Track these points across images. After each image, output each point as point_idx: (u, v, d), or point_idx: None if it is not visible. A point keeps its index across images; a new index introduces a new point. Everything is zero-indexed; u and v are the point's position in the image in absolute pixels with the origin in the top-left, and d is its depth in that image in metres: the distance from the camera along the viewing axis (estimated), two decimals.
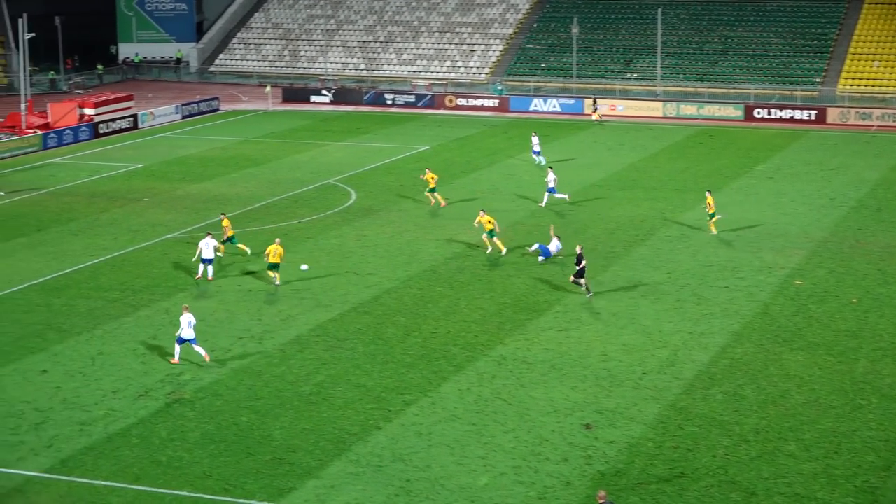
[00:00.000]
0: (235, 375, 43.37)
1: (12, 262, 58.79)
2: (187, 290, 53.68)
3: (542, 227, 63.15)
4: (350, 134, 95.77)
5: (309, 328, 48.45)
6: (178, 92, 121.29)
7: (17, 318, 50.02)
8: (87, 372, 43.81)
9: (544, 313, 50.17)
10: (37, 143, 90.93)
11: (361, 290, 53.47)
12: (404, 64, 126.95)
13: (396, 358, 45.08)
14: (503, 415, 39.76)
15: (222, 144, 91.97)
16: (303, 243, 61.54)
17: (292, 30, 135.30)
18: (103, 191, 74.89)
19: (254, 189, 74.55)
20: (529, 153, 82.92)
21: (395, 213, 67.87)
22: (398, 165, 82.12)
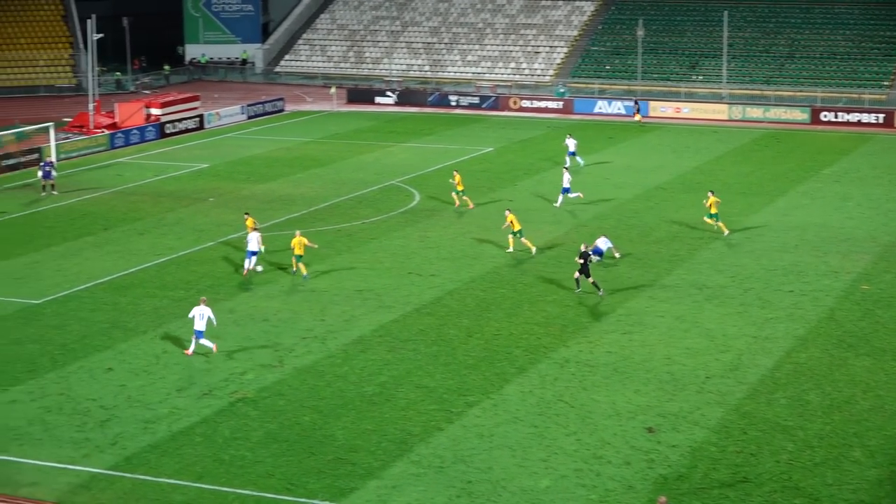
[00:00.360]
0: (298, 375, 43.53)
1: (79, 260, 59.33)
2: (251, 289, 53.96)
3: (605, 230, 62.98)
4: (414, 135, 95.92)
5: (372, 329, 48.55)
6: (244, 92, 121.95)
7: (84, 316, 50.47)
8: (151, 370, 44.13)
9: (607, 316, 50.00)
10: (104, 142, 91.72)
11: (424, 292, 53.51)
12: (469, 65, 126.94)
13: (458, 359, 45.08)
14: (565, 417, 39.65)
15: (287, 145, 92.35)
16: (366, 244, 61.68)
17: (357, 31, 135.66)
18: (169, 190, 75.42)
19: (318, 189, 74.81)
20: (565, 154, 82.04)
21: (457, 215, 67.84)
22: (462, 167, 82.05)
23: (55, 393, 41.95)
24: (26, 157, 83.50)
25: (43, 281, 55.71)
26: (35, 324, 49.48)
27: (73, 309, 51.41)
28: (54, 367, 44.41)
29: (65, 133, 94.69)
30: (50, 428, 39.01)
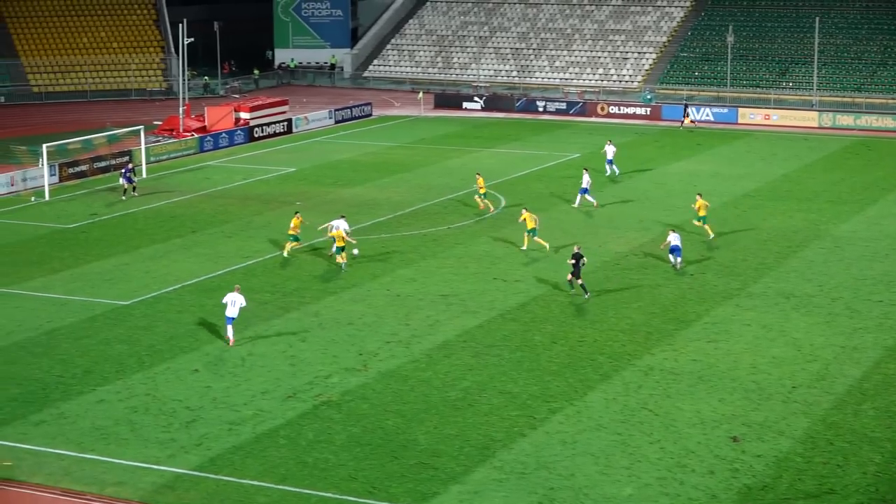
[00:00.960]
0: (382, 379, 43.64)
1: (167, 262, 59.93)
2: (337, 293, 54.20)
3: (694, 236, 62.67)
4: (501, 140, 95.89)
5: (456, 334, 48.57)
6: (332, 97, 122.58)
7: (171, 317, 50.96)
8: (237, 372, 44.45)
9: (693, 324, 49.66)
10: (194, 146, 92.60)
11: (509, 297, 53.45)
12: (556, 71, 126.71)
13: (542, 365, 44.98)
14: (649, 425, 39.42)
15: (374, 149, 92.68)
16: (452, 249, 61.72)
17: (445, 36, 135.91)
18: (257, 194, 75.96)
19: (404, 194, 75.00)
20: (603, 162, 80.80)
21: (543, 221, 67.61)
22: (548, 173, 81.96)
23: (142, 393, 42.39)
24: (117, 160, 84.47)
25: (132, 282, 56.35)
26: (124, 324, 50.06)
27: (160, 310, 51.93)
28: (141, 368, 44.89)
29: (155, 136, 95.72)
30: (136, 428, 39.42)
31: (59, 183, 79.51)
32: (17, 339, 48.31)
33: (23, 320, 50.67)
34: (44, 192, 76.13)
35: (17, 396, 42.20)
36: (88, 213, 71.02)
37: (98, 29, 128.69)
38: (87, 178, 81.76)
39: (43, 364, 45.41)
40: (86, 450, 37.76)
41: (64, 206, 73.36)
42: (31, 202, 74.73)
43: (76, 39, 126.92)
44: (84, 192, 77.67)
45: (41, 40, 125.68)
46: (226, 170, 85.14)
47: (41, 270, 58.54)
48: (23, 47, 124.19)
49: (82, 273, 58.05)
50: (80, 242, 64.26)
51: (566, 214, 69.10)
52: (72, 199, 75.39)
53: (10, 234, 66.15)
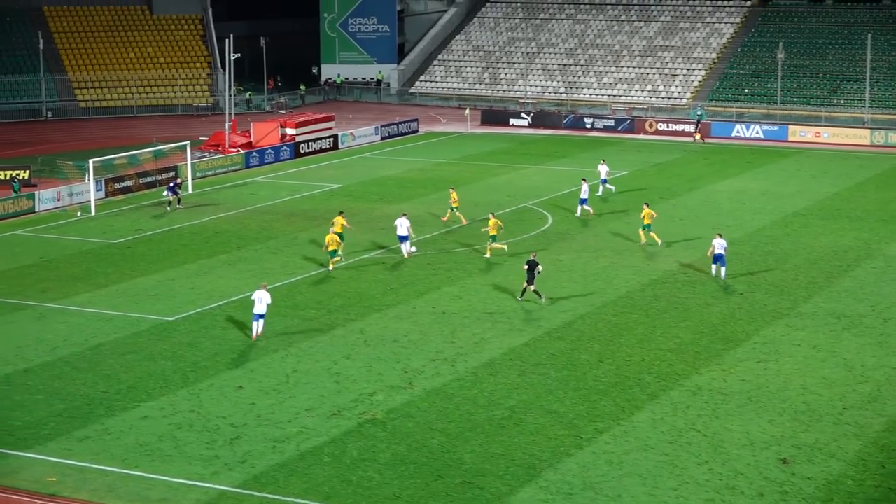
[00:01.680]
0: (427, 397, 43.59)
1: (213, 278, 60.13)
2: (382, 310, 54.22)
3: (741, 256, 62.42)
4: (548, 157, 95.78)
5: (502, 352, 48.47)
6: (378, 113, 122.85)
7: (216, 333, 51.10)
8: (281, 389, 44.50)
9: (742, 343, 49.37)
10: (239, 161, 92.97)
11: (555, 315, 53.31)
12: (604, 88, 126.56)
13: (589, 385, 44.81)
14: (697, 446, 39.19)
15: (420, 166, 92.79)
16: (498, 266, 61.66)
17: (493, 52, 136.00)
18: (302, 210, 76.16)
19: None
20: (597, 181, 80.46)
21: (591, 239, 67.59)
22: (596, 190, 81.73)
23: (186, 410, 42.50)
24: (163, 176, 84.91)
25: (177, 298, 56.57)
26: (168, 340, 50.24)
27: (205, 326, 52.09)
28: (186, 384, 45.03)
29: (201, 152, 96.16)
30: (180, 445, 39.52)
31: (105, 198, 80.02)
32: (62, 354, 48.58)
33: (68, 335, 50.96)
34: (90, 208, 76.62)
35: (62, 412, 42.42)
36: (134, 229, 71.40)
37: (145, 44, 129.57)
38: (133, 193, 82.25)
39: (88, 379, 45.64)
40: (130, 466, 37.89)
41: (110, 222, 73.79)
42: (76, 217, 75.21)
43: (123, 55, 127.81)
44: (130, 207, 78.12)
45: (88, 56, 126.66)
46: (271, 186, 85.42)
47: (86, 286, 58.88)
48: (70, 62, 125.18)
49: (127, 288, 58.34)
50: (126, 258, 64.60)
51: (615, 233, 68.85)
52: (117, 215, 75.83)
53: (56, 250, 66.58)
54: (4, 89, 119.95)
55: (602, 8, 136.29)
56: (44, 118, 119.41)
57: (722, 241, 58.96)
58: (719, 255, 58.64)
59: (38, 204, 77.21)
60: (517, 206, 76.22)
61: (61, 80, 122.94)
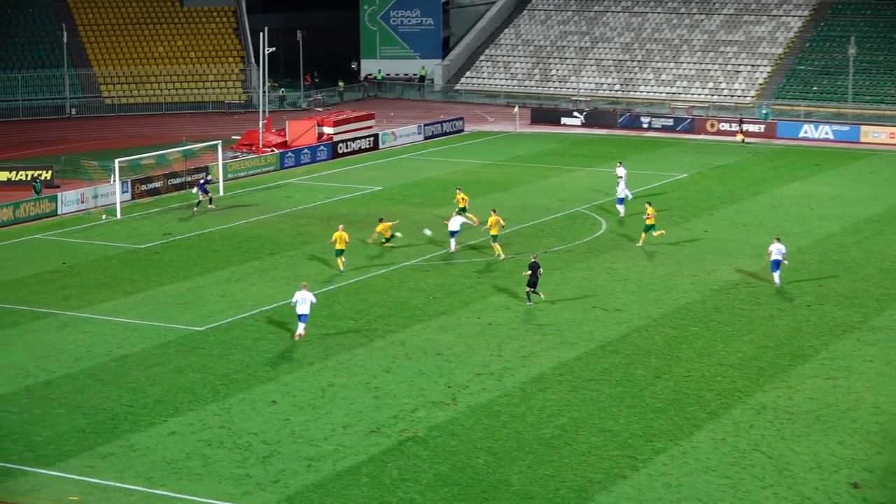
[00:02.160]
0: (472, 414, 43.56)
1: (245, 285, 60.31)
2: (425, 321, 54.23)
3: (808, 265, 62.19)
4: (602, 159, 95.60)
5: (552, 366, 48.40)
6: (421, 111, 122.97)
7: (248, 345, 51.25)
8: (317, 404, 44.57)
9: (809, 359, 49.11)
10: (274, 162, 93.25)
11: (609, 328, 53.20)
12: (662, 85, 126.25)
13: (645, 402, 44.68)
14: (761, 469, 39.00)
15: (465, 167, 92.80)
16: (548, 275, 61.54)
17: (543, 47, 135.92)
18: (340, 214, 76.25)
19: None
20: (614, 186, 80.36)
21: (648, 246, 67.39)
22: (653, 194, 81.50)
23: (216, 426, 42.63)
24: (192, 177, 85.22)
25: (207, 307, 56.78)
26: (197, 352, 50.42)
27: (236, 337, 52.25)
28: (216, 398, 45.16)
29: (233, 151, 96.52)
30: (209, 462, 39.63)
31: (131, 200, 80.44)
32: (85, 365, 48.83)
33: (91, 346, 51.22)
34: (115, 210, 77.03)
35: (85, 427, 42.62)
36: (162, 233, 71.73)
37: (175, 38, 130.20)
38: (161, 195, 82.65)
39: (112, 393, 45.84)
40: (156, 485, 38.02)
41: (136, 225, 74.16)
42: (101, 220, 75.63)
43: (152, 49, 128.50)
44: (157, 210, 78.50)
45: (115, 49, 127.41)
46: (308, 188, 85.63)
47: (111, 293, 59.18)
48: (95, 57, 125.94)
49: (154, 296, 58.60)
50: (153, 264, 64.90)
51: (674, 240, 68.65)
52: (144, 218, 76.21)
53: (79, 255, 66.96)
54: (26, 85, 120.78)
55: (660, 0, 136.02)
56: (67, 115, 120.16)
57: (780, 247, 58.81)
58: (776, 260, 58.52)
59: (61, 206, 77.70)
60: (568, 210, 76.11)
61: (86, 76, 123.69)
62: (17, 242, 70.21)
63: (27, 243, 70.10)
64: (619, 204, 74.90)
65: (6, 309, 56.60)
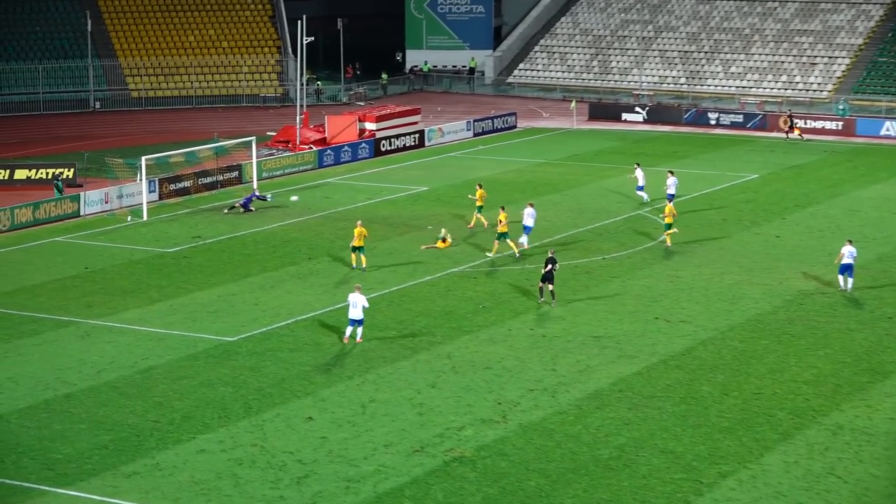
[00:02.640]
0: (524, 433, 43.53)
1: (280, 293, 60.47)
2: (473, 332, 54.23)
3: (889, 273, 61.87)
4: (666, 158, 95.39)
5: (610, 382, 48.32)
6: (471, 105, 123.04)
7: (283, 357, 51.37)
8: (356, 421, 44.62)
9: (890, 376, 48.87)
10: (312, 160, 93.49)
11: (673, 341, 53.08)
12: (732, 78, 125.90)
13: (711, 421, 44.55)
14: (837, 494, 38.82)
15: (518, 166, 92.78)
16: (607, 283, 61.49)
17: (603, 37, 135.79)
18: (382, 216, 76.39)
19: (552, 219, 74.86)
20: (634, 190, 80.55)
21: (715, 252, 67.22)
22: (721, 196, 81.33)
23: (248, 443, 42.75)
24: (224, 175, 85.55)
25: (239, 315, 56.96)
26: (228, 364, 50.58)
27: (270, 348, 52.40)
28: (248, 414, 45.28)
29: (268, 149, 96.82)
30: (241, 483, 39.75)
31: (158, 201, 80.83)
32: (108, 378, 49.07)
33: (115, 357, 51.47)
34: (141, 212, 77.38)
35: (108, 444, 42.82)
36: (191, 236, 72.03)
37: (206, 27, 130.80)
38: (191, 195, 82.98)
39: (137, 407, 46.04)
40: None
41: (164, 228, 74.50)
42: (126, 222, 75.99)
43: (181, 38, 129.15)
44: (187, 211, 78.84)
45: (142, 39, 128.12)
46: (348, 188, 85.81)
47: (136, 300, 59.47)
48: (122, 47, 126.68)
49: (183, 304, 58.85)
50: (182, 269, 65.18)
51: (743, 246, 68.49)
52: (173, 220, 76.54)
53: (102, 259, 67.31)
54: (47, 76, 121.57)
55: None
56: (91, 109, 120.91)
57: (852, 249, 58.79)
58: (847, 264, 58.40)
59: (84, 207, 78.12)
60: (629, 213, 75.99)
61: (111, 67, 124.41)
62: (36, 245, 70.65)
63: (47, 246, 70.53)
64: (640, 190, 78.83)
65: (25, 317, 56.96)
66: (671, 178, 77.16)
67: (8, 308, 58.27)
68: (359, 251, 63.88)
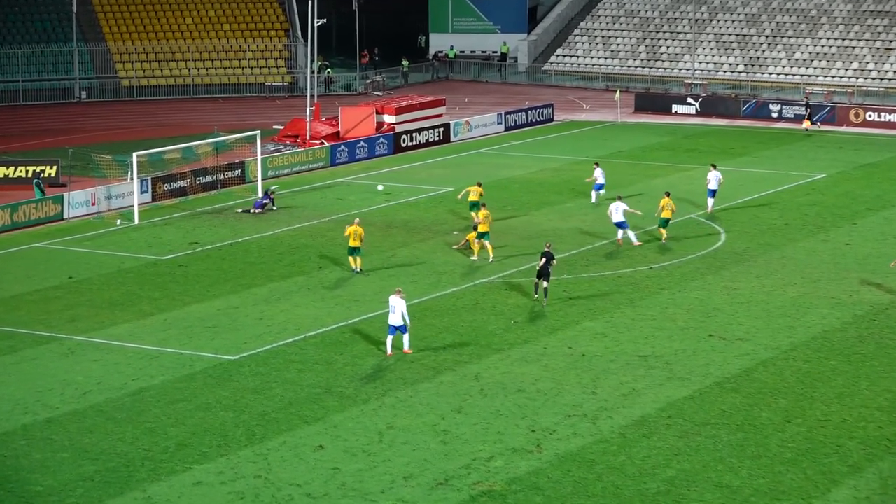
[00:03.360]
0: (561, 464, 43.51)
1: (288, 306, 60.56)
2: (504, 350, 54.25)
3: None
4: (721, 155, 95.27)
5: (658, 407, 48.27)
6: (502, 96, 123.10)
7: (290, 377, 51.43)
8: (372, 451, 44.64)
9: None
10: (323, 157, 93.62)
11: (729, 361, 53.01)
12: (796, 66, 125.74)
13: (772, 451, 44.48)
14: None
15: (555, 164, 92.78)
16: (654, 296, 61.44)
17: (651, 19, 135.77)
18: (403, 220, 76.45)
19: (593, 224, 74.83)
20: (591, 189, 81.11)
21: (776, 261, 67.14)
22: (783, 198, 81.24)
23: (251, 475, 42.81)
24: (226, 174, 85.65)
25: (241, 331, 57.06)
26: (229, 385, 50.66)
27: (276, 368, 52.46)
28: (251, 442, 45.35)
29: (275, 144, 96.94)
30: None
31: (151, 202, 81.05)
32: (94, 400, 49.18)
33: (102, 377, 51.59)
34: (132, 214, 77.56)
35: (93, 475, 42.90)
36: (188, 242, 72.20)
37: (205, 7, 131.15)
38: (188, 196, 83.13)
39: (126, 434, 46.13)
40: None
41: (157, 232, 74.68)
42: (116, 226, 76.17)
43: (178, 20, 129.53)
44: (183, 214, 79.02)
45: (134, 21, 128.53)
46: (364, 188, 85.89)
47: (126, 314, 59.60)
48: (111, 29, 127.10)
49: (178, 318, 58.98)
50: (177, 279, 65.33)
51: (809, 254, 68.39)
52: (167, 224, 76.73)
53: (88, 267, 67.48)
54: (28, 63, 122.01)
55: None
56: (76, 99, 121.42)
57: None
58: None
59: (68, 209, 78.35)
60: (679, 217, 75.88)
61: (99, 52, 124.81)
62: (14, 252, 70.88)
63: (27, 253, 70.75)
64: (598, 190, 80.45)
65: (1, 332, 57.13)
66: (713, 172, 77.66)
67: None
68: (356, 253, 64.99)
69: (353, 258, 65.02)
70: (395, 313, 52.94)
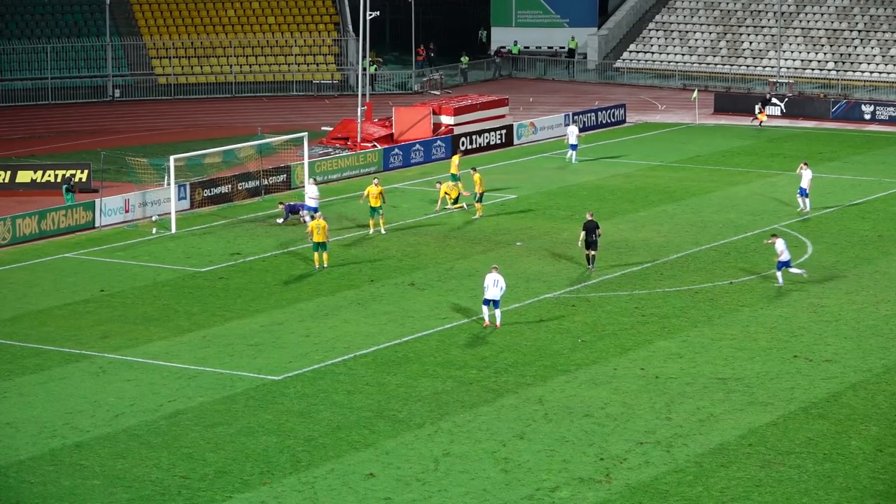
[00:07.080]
0: (632, 495, 43.49)
1: (336, 322, 60.67)
2: (570, 371, 54.24)
3: None
4: (809, 160, 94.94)
5: (738, 434, 48.18)
6: (570, 95, 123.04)
7: (339, 399, 51.54)
8: (427, 479, 44.70)
9: None
10: (376, 161, 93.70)
11: (815, 384, 52.86)
12: (891, 63, 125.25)
13: (863, 483, 44.34)
14: None
15: (627, 170, 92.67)
16: (734, 313, 61.31)
17: (732, 12, 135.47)
18: (461, 231, 76.45)
19: (668, 234, 74.76)
20: None
21: (868, 276, 66.91)
22: (876, 207, 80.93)
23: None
24: (270, 180, 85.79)
25: (285, 349, 57.21)
26: (273, 408, 50.80)
27: (324, 389, 52.58)
28: (296, 470, 45.47)
29: (323, 147, 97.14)
30: None
31: (190, 209, 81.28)
32: (127, 423, 49.40)
33: (136, 398, 51.82)
34: (169, 223, 77.86)
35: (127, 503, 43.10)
36: (229, 253, 72.39)
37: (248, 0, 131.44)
38: (229, 203, 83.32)
39: (162, 460, 46.32)
40: None
41: (196, 242, 74.94)
42: (151, 235, 76.46)
43: (219, 13, 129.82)
44: (223, 222, 79.24)
45: (172, 14, 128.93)
46: (418, 195, 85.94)
47: (162, 330, 59.84)
48: (147, 23, 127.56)
49: (218, 335, 59.18)
50: (217, 293, 65.54)
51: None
52: (206, 233, 76.96)
53: (122, 280, 67.76)
54: (58, 59, 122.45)
55: None
56: (110, 98, 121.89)
57: None
58: None
59: (100, 217, 78.63)
60: (763, 228, 75.69)
61: (135, 47, 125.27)
62: (42, 262, 71.23)
63: (56, 264, 71.09)
64: (573, 150, 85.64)
65: (28, 349, 57.44)
66: (806, 171, 78.74)
67: (8, 339, 58.82)
68: (321, 248, 67.81)
69: (318, 254, 67.14)
70: (496, 286, 58.16)
